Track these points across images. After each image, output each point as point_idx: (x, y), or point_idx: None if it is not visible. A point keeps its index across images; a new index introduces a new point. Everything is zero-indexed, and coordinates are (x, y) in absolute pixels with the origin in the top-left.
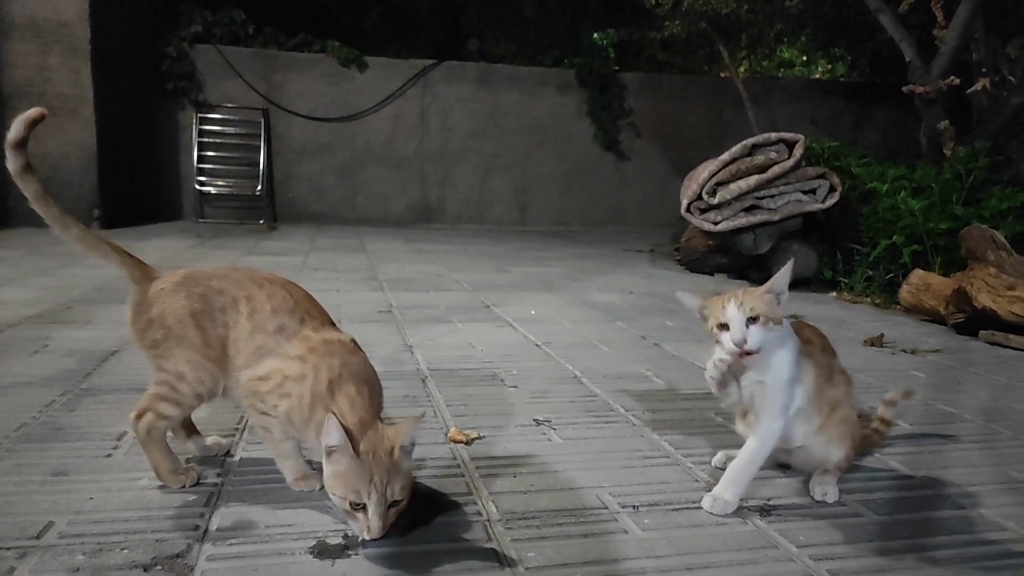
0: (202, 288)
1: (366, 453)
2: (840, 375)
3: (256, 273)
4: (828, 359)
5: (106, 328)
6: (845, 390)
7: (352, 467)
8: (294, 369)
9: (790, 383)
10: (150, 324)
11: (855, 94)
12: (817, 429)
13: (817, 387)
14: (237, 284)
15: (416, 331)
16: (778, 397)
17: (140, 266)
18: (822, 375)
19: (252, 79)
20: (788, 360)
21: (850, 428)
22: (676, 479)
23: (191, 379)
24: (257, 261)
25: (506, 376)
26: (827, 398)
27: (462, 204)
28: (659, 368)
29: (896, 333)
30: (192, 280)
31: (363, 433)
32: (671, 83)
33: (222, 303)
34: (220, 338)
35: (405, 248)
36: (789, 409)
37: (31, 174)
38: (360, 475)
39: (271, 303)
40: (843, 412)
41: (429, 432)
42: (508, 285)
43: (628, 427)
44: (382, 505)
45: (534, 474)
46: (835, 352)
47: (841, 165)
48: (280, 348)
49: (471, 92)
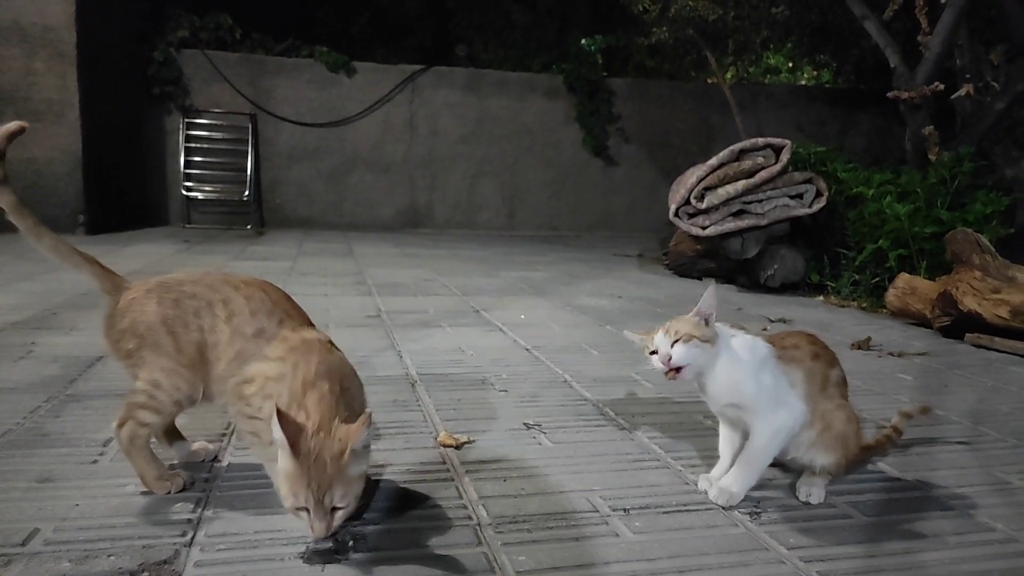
0: (174, 294)
1: (306, 455)
2: (836, 387)
3: (231, 276)
4: (821, 367)
5: (91, 334)
6: (839, 402)
7: (293, 467)
8: (274, 369)
9: (761, 389)
10: (122, 335)
11: (841, 100)
12: (809, 443)
13: (808, 397)
14: (211, 288)
15: (405, 336)
16: (760, 406)
17: (111, 277)
18: (813, 384)
19: (240, 84)
20: (744, 373)
21: (842, 438)
22: (666, 482)
23: (167, 386)
24: (244, 266)
25: (496, 380)
26: (819, 411)
27: (451, 209)
28: (648, 373)
29: (883, 336)
30: (163, 287)
31: (316, 433)
32: (659, 89)
33: (196, 307)
34: (195, 343)
35: (394, 253)
36: (783, 404)
37: (6, 185)
38: (298, 478)
39: (249, 306)
40: (836, 426)
41: (419, 436)
42: (497, 290)
43: (618, 431)
44: (320, 510)
45: (524, 478)
46: (834, 360)
47: (827, 170)
48: (261, 351)
49: (460, 97)
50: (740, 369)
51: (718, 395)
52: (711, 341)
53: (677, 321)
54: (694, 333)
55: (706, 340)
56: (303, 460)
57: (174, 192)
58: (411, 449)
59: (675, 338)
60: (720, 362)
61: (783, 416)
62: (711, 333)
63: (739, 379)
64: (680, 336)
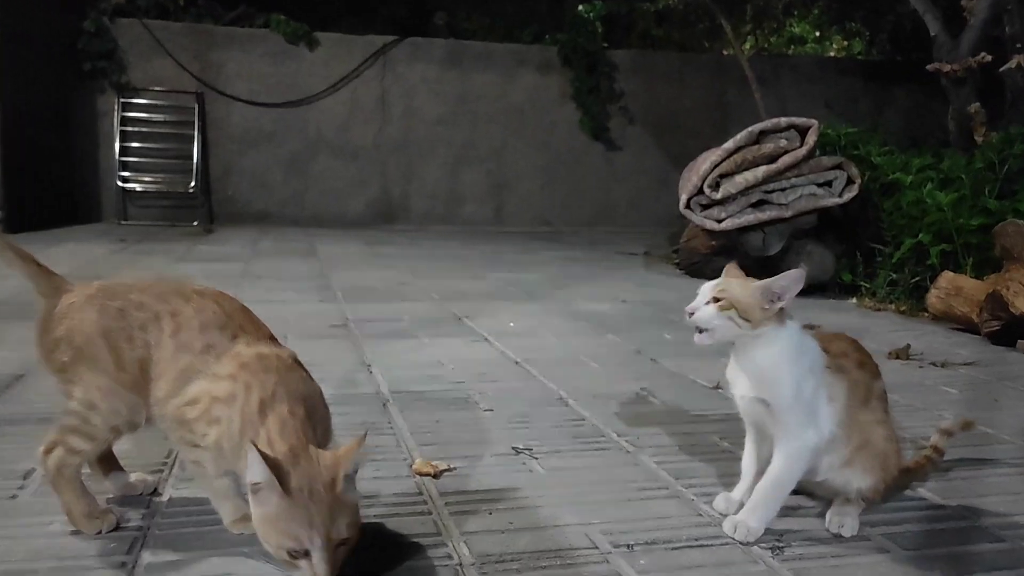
0: (119, 302)
1: (299, 489)
2: (879, 400)
3: (183, 285)
4: (866, 378)
5: (10, 348)
6: (880, 417)
7: (285, 508)
8: (223, 389)
9: (798, 398)
10: (57, 344)
11: (874, 74)
12: (843, 461)
13: (849, 410)
14: (160, 298)
15: (376, 348)
16: (791, 416)
17: (49, 277)
18: (856, 396)
19: (184, 58)
20: (788, 374)
21: (883, 457)
22: (676, 513)
23: (104, 409)
24: (190, 269)
25: (480, 398)
26: (859, 424)
27: (429, 201)
28: (656, 387)
29: (924, 344)
30: (108, 293)
31: (295, 463)
32: (667, 62)
33: (142, 320)
34: (139, 360)
35: (363, 252)
36: (813, 423)
37: None
38: (296, 517)
39: (199, 318)
40: (877, 443)
41: (391, 464)
42: (483, 294)
43: (621, 455)
44: (328, 550)
45: (513, 510)
46: (877, 370)
47: (860, 154)
48: (209, 368)
49: (438, 73)
50: (785, 366)
51: (749, 384)
52: (755, 322)
53: (734, 280)
54: (741, 303)
55: (748, 320)
56: (297, 496)
57: (108, 183)
58: (382, 479)
59: (714, 294)
60: (766, 349)
61: (810, 437)
62: (763, 316)
63: (779, 377)
64: (721, 299)
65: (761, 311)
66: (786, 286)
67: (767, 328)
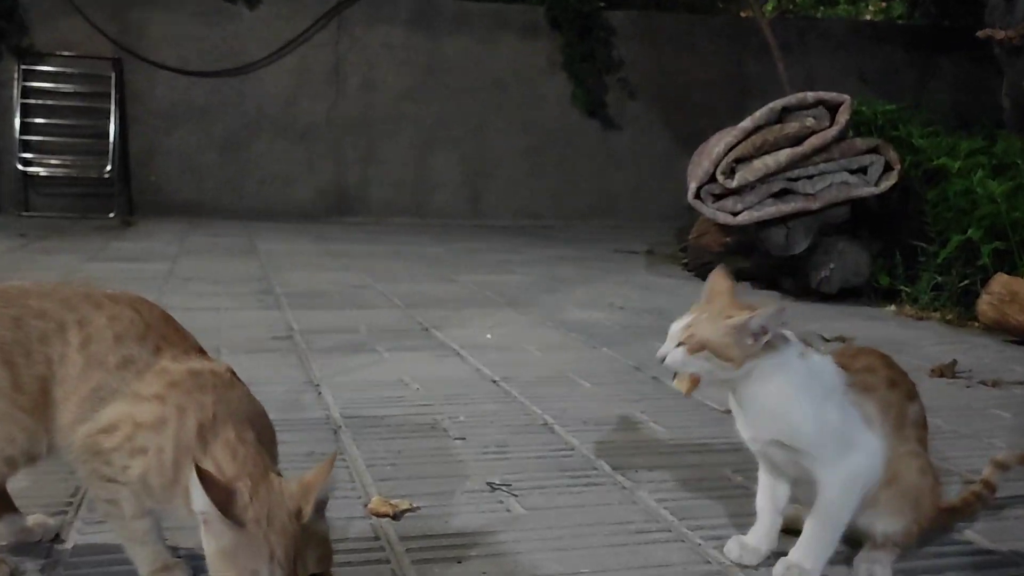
0: (16, 309)
1: (257, 520)
2: (913, 427)
3: (94, 289)
4: (898, 399)
5: None
6: (913, 448)
7: (240, 542)
8: (149, 413)
9: (823, 431)
10: None
11: (917, 41)
12: (866, 501)
13: (884, 435)
14: (66, 304)
15: (326, 364)
16: (823, 450)
17: None
18: (887, 421)
19: (98, 18)
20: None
21: (915, 494)
22: (680, 560)
23: None
24: (104, 270)
25: (450, 424)
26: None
27: (392, 190)
28: (658, 410)
29: (973, 359)
30: (1, 299)
31: (254, 491)
32: (675, 25)
33: (43, 330)
34: (39, 379)
35: (313, 250)
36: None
37: None
38: (254, 550)
39: (113, 328)
40: (908, 478)
41: (343, 502)
42: (455, 300)
43: (616, 491)
44: None
45: (487, 557)
46: (914, 391)
47: (900, 135)
48: (128, 387)
49: (403, 37)
50: (797, 399)
51: (758, 428)
52: (738, 361)
53: (704, 316)
54: (711, 344)
55: (729, 359)
56: (253, 527)
57: (6, 167)
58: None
59: (680, 339)
60: (765, 386)
61: (858, 460)
62: (745, 353)
63: (789, 413)
64: (692, 343)
65: (740, 349)
66: (765, 323)
67: (758, 361)
